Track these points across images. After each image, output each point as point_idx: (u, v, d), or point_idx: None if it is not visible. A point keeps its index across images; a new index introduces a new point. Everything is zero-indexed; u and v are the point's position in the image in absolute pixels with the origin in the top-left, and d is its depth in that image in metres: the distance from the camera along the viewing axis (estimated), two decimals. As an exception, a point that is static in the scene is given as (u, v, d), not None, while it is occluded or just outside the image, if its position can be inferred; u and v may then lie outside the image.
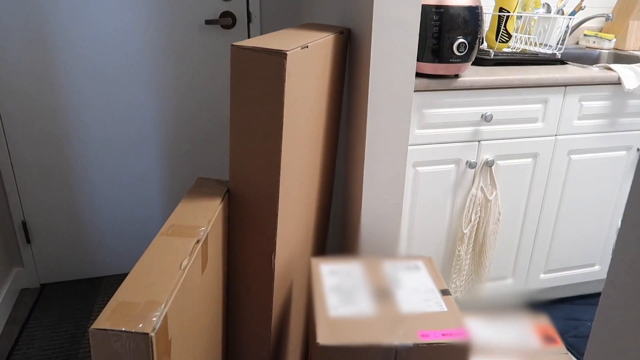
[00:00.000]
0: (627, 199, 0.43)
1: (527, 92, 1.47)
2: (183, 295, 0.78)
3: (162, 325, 0.68)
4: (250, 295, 1.13)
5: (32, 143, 1.74)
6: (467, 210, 1.54)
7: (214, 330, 1.03)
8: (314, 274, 1.14)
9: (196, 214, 0.95)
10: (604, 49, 2.05)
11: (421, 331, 0.98)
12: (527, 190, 1.60)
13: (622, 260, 0.44)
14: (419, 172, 1.47)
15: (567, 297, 1.90)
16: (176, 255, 0.82)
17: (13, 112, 1.69)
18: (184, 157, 1.91)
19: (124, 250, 1.97)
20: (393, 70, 1.24)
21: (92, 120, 1.78)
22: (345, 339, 0.95)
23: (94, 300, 1.83)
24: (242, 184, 1.04)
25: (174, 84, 1.81)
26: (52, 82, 1.69)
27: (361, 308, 1.03)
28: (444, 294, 1.09)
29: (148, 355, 0.66)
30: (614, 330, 0.46)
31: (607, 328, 0.47)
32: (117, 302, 0.69)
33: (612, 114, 1.58)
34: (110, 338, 0.65)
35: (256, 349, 1.19)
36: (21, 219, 1.81)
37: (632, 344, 0.43)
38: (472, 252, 1.61)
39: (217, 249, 1.01)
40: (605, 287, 0.47)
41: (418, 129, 1.42)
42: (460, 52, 1.34)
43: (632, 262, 0.43)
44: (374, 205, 1.35)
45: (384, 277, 1.15)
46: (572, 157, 1.60)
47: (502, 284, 1.71)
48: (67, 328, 1.68)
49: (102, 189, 1.87)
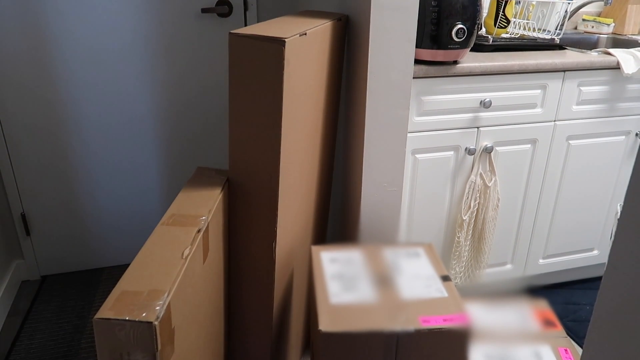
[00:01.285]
0: (629, 180, 0.43)
1: (525, 78, 1.47)
2: (185, 284, 0.78)
3: (166, 314, 0.68)
4: (252, 284, 1.13)
5: (30, 135, 1.73)
6: (467, 197, 1.55)
7: (216, 319, 1.04)
8: (314, 262, 1.15)
9: (196, 204, 0.95)
10: (603, 34, 2.04)
11: (422, 317, 0.98)
12: (526, 176, 1.60)
13: (624, 242, 0.44)
14: (418, 159, 1.47)
15: (565, 282, 1.91)
16: (177, 244, 0.82)
17: (10, 105, 1.68)
18: (182, 147, 1.90)
19: (124, 241, 1.97)
20: (392, 56, 1.23)
21: (90, 112, 1.77)
22: (347, 326, 0.96)
23: (94, 291, 1.84)
24: (242, 173, 1.04)
25: (171, 74, 1.79)
26: (48, 74, 1.68)
27: (362, 295, 1.04)
28: (445, 280, 1.10)
29: (152, 344, 0.66)
30: (616, 312, 0.46)
31: (609, 310, 0.47)
32: (120, 292, 0.69)
33: (611, 98, 1.58)
34: (114, 327, 0.65)
35: (258, 337, 1.20)
36: (20, 211, 1.81)
37: (634, 324, 0.44)
38: (472, 239, 1.61)
39: (218, 238, 1.01)
40: (606, 270, 0.48)
41: (417, 116, 1.42)
42: (459, 38, 1.34)
43: (635, 243, 0.43)
44: (373, 193, 1.36)
45: (385, 264, 1.15)
46: (571, 142, 1.60)
47: (501, 270, 1.72)
48: (69, 319, 1.69)
49: (101, 180, 1.86)
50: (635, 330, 0.44)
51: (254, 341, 1.20)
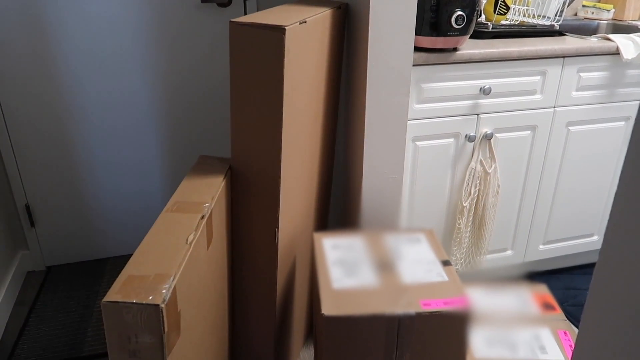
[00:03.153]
0: (624, 159, 0.44)
1: (525, 65, 1.47)
2: (190, 269, 0.79)
3: (172, 297, 0.70)
4: (255, 270, 1.15)
5: (33, 127, 1.75)
6: (467, 184, 1.56)
7: (220, 303, 1.05)
8: (317, 248, 1.16)
9: (200, 191, 0.96)
10: (603, 20, 2.03)
11: (423, 300, 1.00)
12: (526, 163, 1.61)
13: (621, 218, 0.46)
14: (419, 147, 1.48)
15: (565, 268, 1.93)
16: (182, 230, 0.83)
17: (13, 97, 1.69)
18: (184, 136, 1.91)
19: (128, 231, 1.99)
20: (391, 44, 1.24)
21: (92, 101, 1.77)
22: (349, 310, 0.98)
23: (99, 280, 1.86)
24: (244, 161, 1.05)
25: (172, 63, 1.80)
26: (50, 66, 1.69)
27: (364, 280, 1.05)
28: (445, 265, 1.11)
29: (159, 326, 0.68)
30: (612, 290, 0.47)
31: (605, 288, 0.48)
32: (127, 276, 0.71)
33: (611, 84, 1.58)
34: (121, 310, 0.67)
35: (261, 322, 1.22)
36: (24, 202, 1.83)
37: (630, 302, 0.45)
38: (472, 225, 1.63)
39: (222, 225, 1.02)
40: (602, 248, 0.49)
41: (417, 103, 1.42)
42: (459, 25, 1.34)
43: (631, 219, 0.45)
44: (374, 180, 1.37)
45: (386, 249, 1.17)
46: (570, 128, 1.61)
47: (501, 256, 1.74)
48: (75, 308, 1.71)
49: (104, 170, 1.88)
50: (631, 309, 0.45)
51: (258, 326, 1.22)
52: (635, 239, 0.44)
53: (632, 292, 0.44)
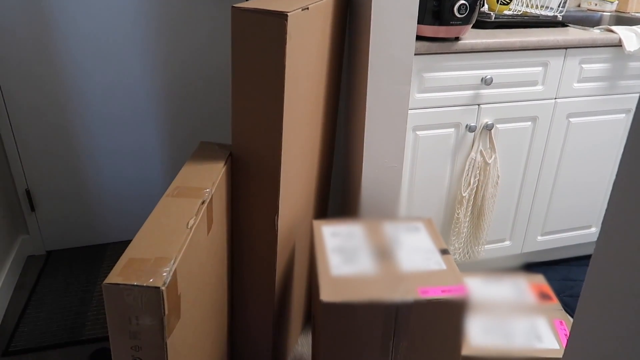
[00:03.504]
0: (624, 146, 0.44)
1: (527, 55, 1.47)
2: (191, 253, 0.80)
3: (172, 281, 0.70)
4: (254, 256, 1.16)
5: (33, 111, 1.74)
6: (467, 174, 1.56)
7: (219, 289, 1.06)
8: (316, 236, 1.17)
9: (200, 176, 0.97)
10: (606, 11, 2.02)
11: (421, 288, 1.01)
12: (526, 154, 1.61)
13: (618, 210, 0.46)
14: (419, 136, 1.48)
15: (563, 259, 1.94)
16: (182, 215, 0.84)
17: (15, 83, 1.68)
18: (185, 122, 1.91)
19: (128, 217, 2.00)
20: (394, 32, 1.23)
21: (93, 87, 1.77)
22: (348, 296, 0.98)
23: (99, 265, 1.87)
24: (245, 147, 1.06)
25: (173, 49, 1.79)
26: (50, 52, 1.68)
27: (362, 267, 1.06)
28: (443, 253, 1.12)
29: (159, 309, 0.68)
30: (607, 280, 0.48)
31: (600, 278, 0.49)
32: (128, 259, 0.71)
33: (613, 76, 1.58)
34: (122, 292, 0.67)
35: (260, 308, 1.23)
36: (25, 187, 1.83)
37: (625, 290, 0.46)
38: (471, 215, 1.63)
39: (222, 211, 1.03)
40: (599, 236, 0.49)
41: (418, 92, 1.42)
42: (461, 14, 1.33)
43: (628, 207, 0.45)
44: (374, 169, 1.37)
45: (385, 237, 1.17)
46: (571, 120, 1.61)
47: (500, 246, 1.74)
48: (75, 292, 1.72)
49: (105, 156, 1.88)
50: (625, 299, 0.46)
51: (256, 312, 1.23)
52: (631, 231, 0.44)
53: (627, 282, 0.45)
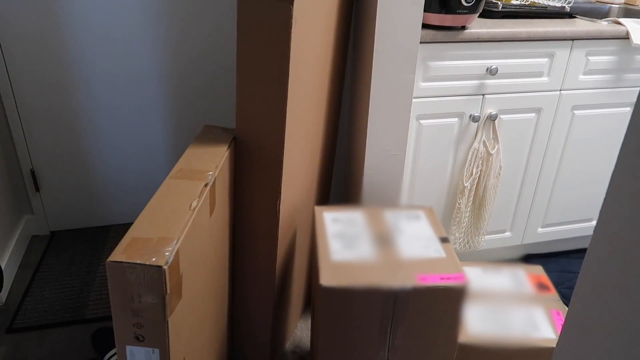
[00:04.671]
0: (624, 137, 0.45)
1: (533, 46, 1.46)
2: (193, 234, 0.81)
3: (174, 260, 0.72)
4: (256, 240, 1.17)
5: (39, 92, 1.75)
6: (469, 164, 1.56)
7: (221, 271, 1.08)
8: (317, 221, 1.18)
9: (204, 159, 0.98)
10: (615, 3, 2.01)
11: (420, 275, 1.02)
12: (529, 145, 1.61)
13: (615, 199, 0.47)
14: (423, 125, 1.48)
15: (563, 251, 1.95)
16: (186, 196, 0.84)
17: (19, 61, 1.69)
18: (190, 105, 1.92)
19: (132, 199, 2.01)
20: (399, 20, 1.23)
21: (98, 69, 1.77)
22: (347, 281, 1.00)
23: (102, 247, 1.89)
24: (249, 131, 1.06)
25: (179, 34, 1.79)
26: (56, 31, 1.68)
27: (363, 253, 1.07)
28: (443, 242, 1.13)
29: (161, 287, 0.70)
30: (603, 269, 0.48)
31: (596, 267, 0.49)
32: (131, 238, 0.72)
33: (619, 69, 1.57)
34: (125, 270, 0.68)
35: (261, 292, 1.24)
36: (30, 167, 1.84)
37: (620, 281, 0.46)
38: (472, 205, 1.64)
39: (224, 194, 1.03)
40: (596, 226, 0.50)
41: (423, 81, 1.42)
42: (468, 3, 1.33)
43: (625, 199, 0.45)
44: (377, 156, 1.37)
45: (386, 224, 1.18)
46: (575, 112, 1.60)
47: (500, 237, 1.75)
48: (78, 272, 1.74)
49: (110, 138, 1.89)
50: (620, 289, 0.46)
51: (257, 295, 1.25)
52: (628, 224, 0.45)
53: (622, 275, 0.46)
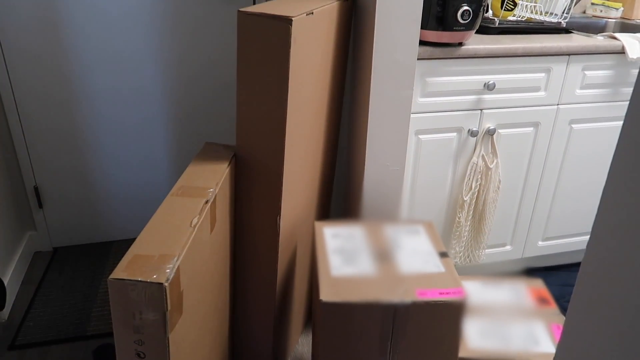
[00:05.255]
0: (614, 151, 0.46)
1: (530, 61, 1.48)
2: (194, 251, 0.82)
3: (175, 277, 0.73)
4: (257, 256, 1.18)
5: (43, 109, 1.77)
6: (468, 178, 1.57)
7: (221, 287, 1.08)
8: (317, 236, 1.19)
9: (204, 176, 0.99)
10: (611, 18, 2.03)
11: (419, 290, 1.02)
12: (528, 159, 1.62)
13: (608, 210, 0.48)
14: (421, 140, 1.49)
15: (563, 265, 1.95)
16: (186, 213, 0.86)
17: (24, 78, 1.72)
18: (190, 123, 1.94)
19: (133, 215, 2.02)
20: (397, 37, 1.25)
21: (101, 86, 1.80)
22: (347, 296, 1.00)
23: (105, 263, 1.90)
24: (249, 148, 1.08)
25: (181, 51, 1.82)
26: (60, 47, 1.71)
27: (362, 268, 1.08)
28: (442, 256, 1.13)
29: (162, 304, 0.70)
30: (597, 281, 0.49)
31: (591, 279, 0.50)
32: (133, 255, 0.73)
33: (615, 83, 1.59)
34: (127, 287, 0.69)
35: (261, 307, 1.25)
36: (33, 184, 1.86)
37: (615, 293, 0.47)
38: (472, 219, 1.65)
39: (225, 211, 1.05)
40: (589, 241, 0.51)
41: (421, 97, 1.44)
42: (465, 20, 1.35)
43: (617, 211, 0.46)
44: (376, 172, 1.39)
45: (385, 239, 1.19)
46: (573, 126, 1.62)
47: (500, 251, 1.76)
48: (80, 288, 1.75)
49: (112, 154, 1.91)
50: (614, 301, 0.47)
51: (258, 311, 1.25)
52: (621, 235, 0.46)
53: (617, 286, 0.46)
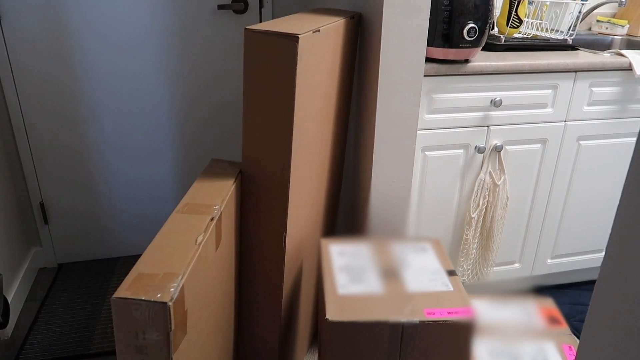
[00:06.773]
0: (627, 172, 0.45)
1: (537, 78, 1.48)
2: (198, 269, 0.81)
3: (179, 296, 0.72)
4: (262, 273, 1.17)
5: (50, 126, 1.79)
6: (475, 195, 1.56)
7: (226, 305, 1.07)
8: (323, 254, 1.17)
9: (210, 193, 0.98)
10: (617, 35, 2.03)
11: (427, 309, 1.01)
12: (536, 176, 1.61)
13: (621, 233, 0.46)
14: (428, 157, 1.49)
15: (574, 283, 1.92)
16: (191, 231, 0.85)
17: (32, 96, 1.73)
18: (196, 139, 1.94)
19: (139, 232, 2.02)
20: (403, 54, 1.25)
21: (108, 103, 1.81)
22: (354, 316, 0.98)
23: (109, 279, 1.89)
24: (255, 165, 1.07)
25: (187, 68, 1.83)
26: (68, 65, 1.73)
27: (369, 286, 1.06)
28: (450, 275, 1.12)
29: (166, 324, 0.69)
30: (612, 302, 0.48)
31: (605, 301, 0.49)
32: (137, 273, 0.72)
33: (622, 100, 1.58)
34: (130, 306, 0.68)
35: (267, 325, 1.23)
36: (39, 200, 1.86)
37: (629, 314, 0.46)
38: (480, 237, 1.63)
39: (230, 228, 1.04)
40: (603, 261, 0.49)
41: (428, 113, 1.44)
42: (471, 37, 1.35)
43: (631, 234, 0.45)
44: (382, 189, 1.38)
45: (392, 257, 1.18)
46: (581, 143, 1.60)
47: (509, 269, 1.73)
48: (85, 305, 1.74)
49: (118, 171, 1.91)
50: (631, 321, 0.46)
51: (263, 329, 1.23)
52: (636, 253, 0.44)
53: (632, 305, 0.45)
